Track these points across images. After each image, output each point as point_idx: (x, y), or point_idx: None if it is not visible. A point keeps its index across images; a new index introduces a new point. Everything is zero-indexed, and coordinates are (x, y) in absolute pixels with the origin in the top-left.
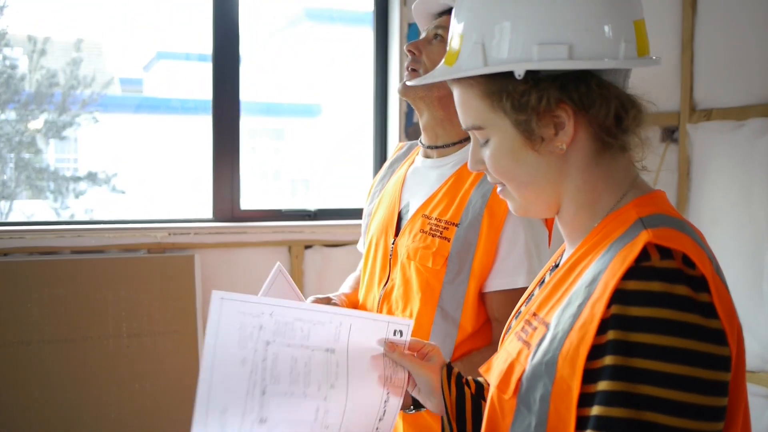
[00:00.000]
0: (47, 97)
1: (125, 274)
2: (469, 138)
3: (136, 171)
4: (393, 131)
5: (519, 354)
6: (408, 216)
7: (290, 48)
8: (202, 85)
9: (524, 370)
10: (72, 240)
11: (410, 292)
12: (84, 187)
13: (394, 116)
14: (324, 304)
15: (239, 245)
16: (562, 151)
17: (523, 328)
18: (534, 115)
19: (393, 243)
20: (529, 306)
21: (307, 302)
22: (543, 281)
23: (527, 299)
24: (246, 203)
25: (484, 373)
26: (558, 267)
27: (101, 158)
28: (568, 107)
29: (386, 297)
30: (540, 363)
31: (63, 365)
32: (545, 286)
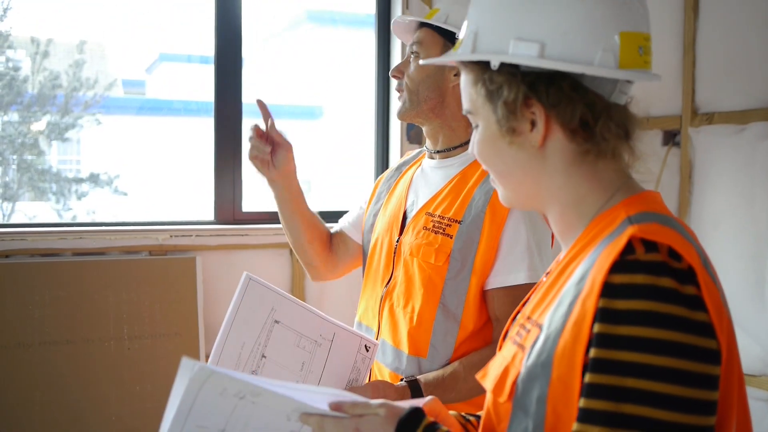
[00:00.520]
0: (50, 99)
1: (127, 276)
2: (463, 145)
3: (139, 173)
4: (395, 134)
5: (514, 357)
6: (412, 215)
7: (292, 50)
8: (205, 87)
9: (519, 373)
10: (73, 242)
11: (412, 289)
12: (86, 189)
13: (396, 119)
14: (316, 311)
15: (241, 247)
16: (536, 148)
17: (518, 332)
18: (505, 108)
19: (397, 241)
20: (524, 310)
21: (295, 299)
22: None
23: (524, 304)
24: (247, 205)
25: (481, 380)
26: (550, 270)
27: (103, 160)
28: (538, 105)
29: (389, 294)
30: (535, 364)
31: (64, 367)
32: (539, 289)
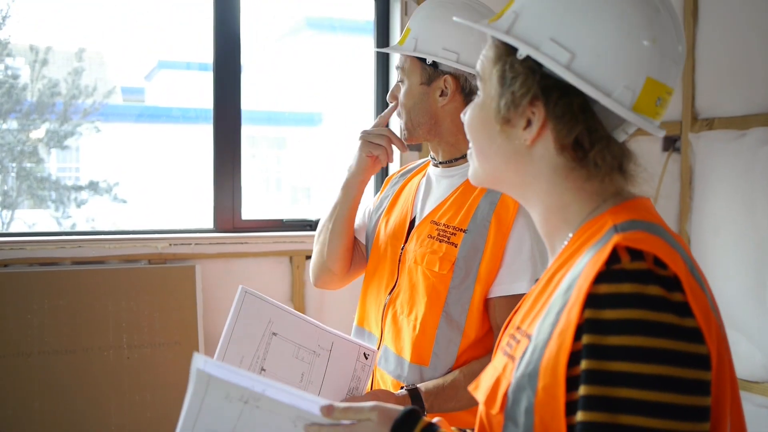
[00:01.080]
0: (49, 107)
1: (126, 285)
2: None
3: (138, 180)
4: None
5: (504, 368)
6: (417, 223)
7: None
8: (204, 95)
9: (509, 384)
10: (72, 251)
11: (416, 296)
12: (85, 197)
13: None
14: (315, 320)
15: (240, 255)
16: (524, 146)
17: (508, 343)
18: (511, 97)
19: (402, 249)
20: (514, 320)
21: (292, 310)
22: None
23: (515, 314)
24: (247, 213)
25: (473, 391)
26: (539, 279)
27: (103, 167)
28: (541, 109)
29: (392, 302)
30: (523, 375)
31: (63, 376)
32: (527, 299)
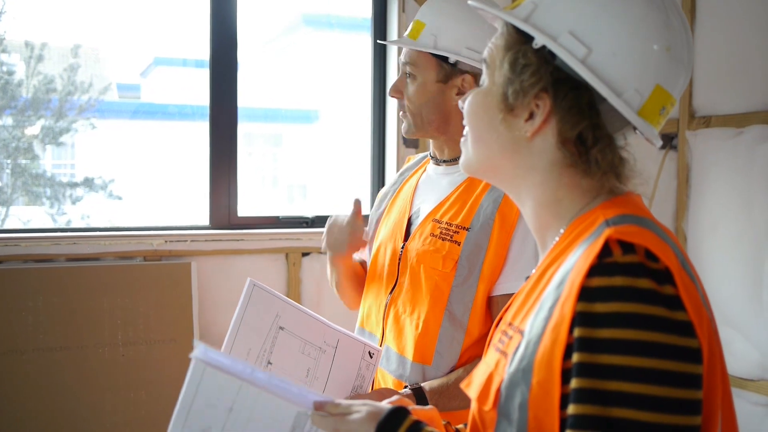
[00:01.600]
0: (44, 103)
1: (121, 282)
2: None
3: (133, 177)
4: (391, 138)
5: (497, 365)
6: (418, 221)
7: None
8: (200, 91)
9: (502, 380)
10: (67, 247)
11: (419, 295)
12: (81, 193)
13: (392, 123)
14: (320, 318)
15: (236, 252)
16: (524, 137)
17: (500, 339)
18: (520, 86)
19: (402, 247)
20: (506, 316)
21: (298, 305)
22: None
23: (506, 310)
24: (243, 210)
25: (465, 388)
26: (530, 276)
27: (98, 164)
28: (548, 101)
29: (393, 301)
30: (517, 370)
31: (58, 374)
32: (518, 295)
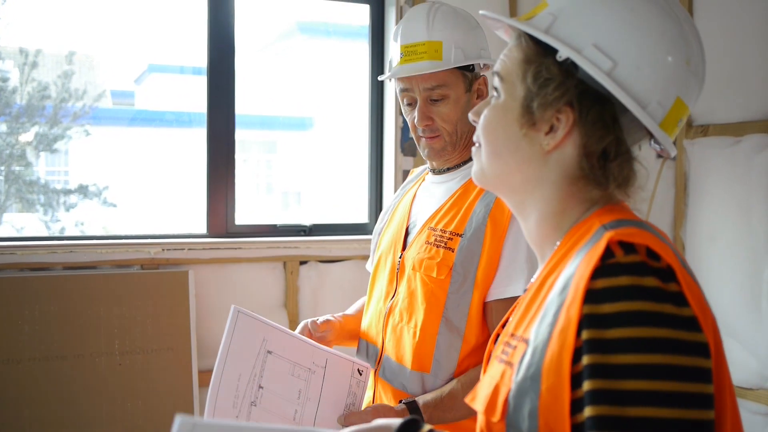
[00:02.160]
0: (38, 110)
1: (118, 291)
2: (469, 161)
3: (128, 184)
4: (389, 145)
5: (503, 375)
6: (415, 230)
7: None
8: (195, 99)
9: (510, 390)
10: (64, 256)
11: (415, 303)
12: (75, 201)
13: (390, 132)
14: (307, 338)
15: (234, 261)
16: (544, 151)
17: (503, 350)
18: (543, 100)
19: (400, 257)
20: (507, 328)
21: (284, 328)
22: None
23: (505, 324)
24: (241, 218)
25: (471, 402)
26: (529, 286)
27: (92, 171)
28: (571, 115)
29: (391, 310)
30: (525, 378)
31: (54, 383)
32: (519, 306)
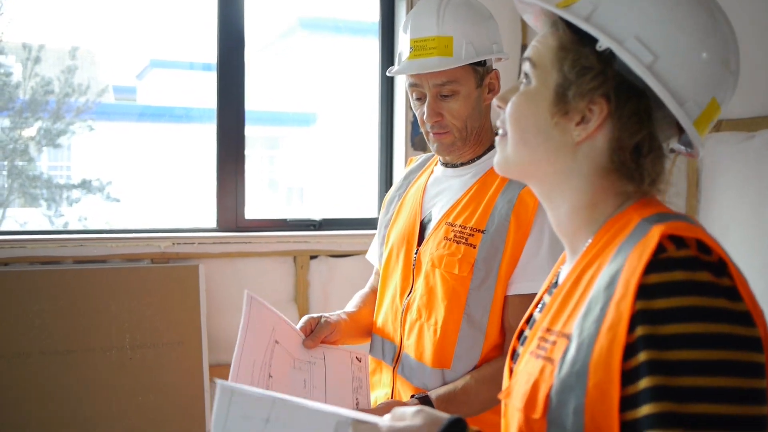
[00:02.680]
0: (41, 105)
1: (128, 285)
2: (483, 155)
3: (132, 179)
4: (399, 141)
5: (542, 371)
6: (431, 225)
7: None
8: (198, 94)
9: (551, 386)
10: (74, 249)
11: (434, 301)
12: (78, 195)
13: (400, 126)
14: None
15: (244, 255)
16: (574, 142)
17: (539, 346)
18: (578, 90)
19: (416, 252)
20: (539, 323)
21: (288, 320)
22: (542, 303)
23: (528, 319)
24: (250, 212)
25: (505, 399)
26: (558, 284)
27: (95, 166)
28: (605, 107)
29: (409, 307)
30: (569, 374)
31: (65, 377)
32: (553, 300)
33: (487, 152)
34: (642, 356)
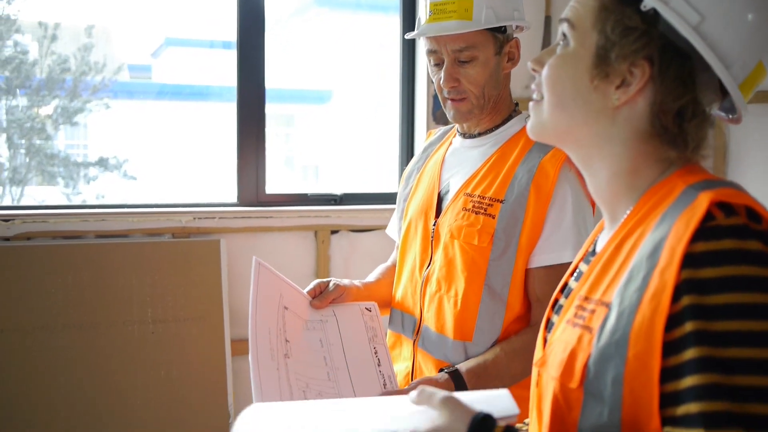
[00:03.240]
0: (59, 83)
1: (150, 259)
2: (502, 125)
3: (149, 157)
4: (420, 114)
5: (580, 340)
6: (449, 196)
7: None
8: (215, 72)
9: (589, 355)
10: (96, 224)
11: (454, 272)
12: (95, 173)
13: (422, 99)
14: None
15: (265, 230)
16: (614, 106)
17: (577, 314)
18: (620, 52)
19: (434, 224)
20: (575, 292)
21: (294, 284)
22: (578, 271)
23: (563, 288)
24: (271, 187)
25: (539, 367)
26: (595, 252)
27: (112, 144)
28: (648, 69)
29: (428, 279)
30: (609, 344)
31: (88, 351)
32: (591, 268)
33: (506, 122)
34: (688, 326)
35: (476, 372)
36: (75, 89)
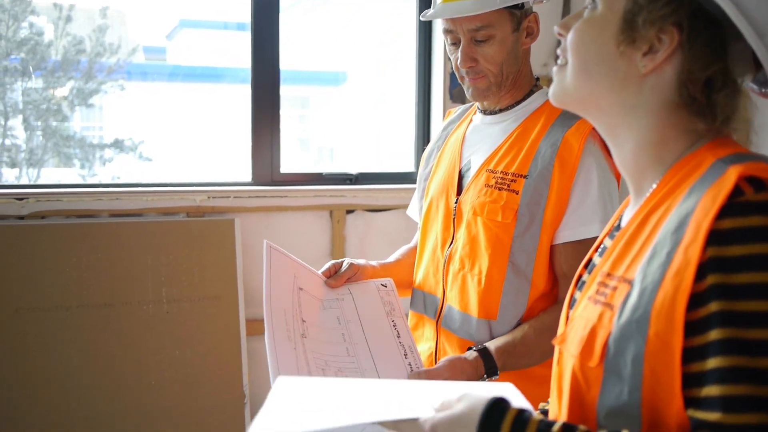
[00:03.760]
0: (73, 65)
1: (164, 238)
2: (523, 101)
3: (164, 138)
4: (437, 93)
5: (601, 317)
6: (471, 173)
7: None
8: (229, 53)
9: (610, 333)
10: (110, 203)
11: (477, 250)
12: (110, 155)
13: (438, 78)
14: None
15: (280, 209)
16: (638, 73)
17: (599, 291)
18: (649, 16)
19: (456, 202)
20: (598, 268)
21: (308, 265)
22: (602, 247)
23: (587, 264)
24: (286, 167)
25: (560, 344)
26: (620, 227)
27: (127, 125)
28: (677, 35)
29: (450, 258)
30: (629, 321)
31: (102, 330)
32: (615, 243)
33: (528, 97)
34: (713, 306)
35: (505, 349)
36: (90, 71)
